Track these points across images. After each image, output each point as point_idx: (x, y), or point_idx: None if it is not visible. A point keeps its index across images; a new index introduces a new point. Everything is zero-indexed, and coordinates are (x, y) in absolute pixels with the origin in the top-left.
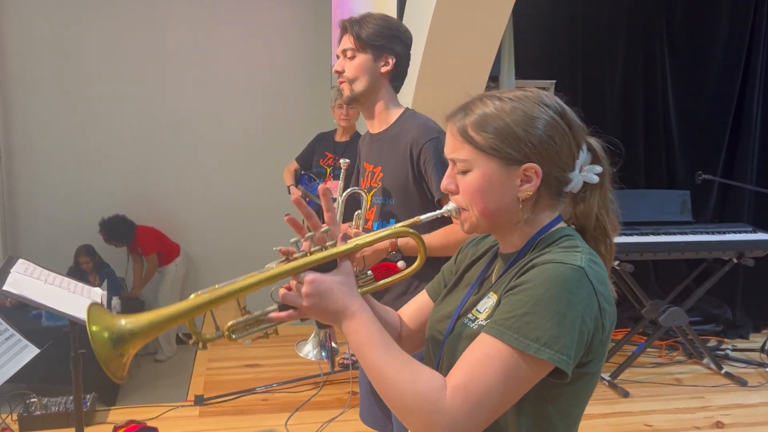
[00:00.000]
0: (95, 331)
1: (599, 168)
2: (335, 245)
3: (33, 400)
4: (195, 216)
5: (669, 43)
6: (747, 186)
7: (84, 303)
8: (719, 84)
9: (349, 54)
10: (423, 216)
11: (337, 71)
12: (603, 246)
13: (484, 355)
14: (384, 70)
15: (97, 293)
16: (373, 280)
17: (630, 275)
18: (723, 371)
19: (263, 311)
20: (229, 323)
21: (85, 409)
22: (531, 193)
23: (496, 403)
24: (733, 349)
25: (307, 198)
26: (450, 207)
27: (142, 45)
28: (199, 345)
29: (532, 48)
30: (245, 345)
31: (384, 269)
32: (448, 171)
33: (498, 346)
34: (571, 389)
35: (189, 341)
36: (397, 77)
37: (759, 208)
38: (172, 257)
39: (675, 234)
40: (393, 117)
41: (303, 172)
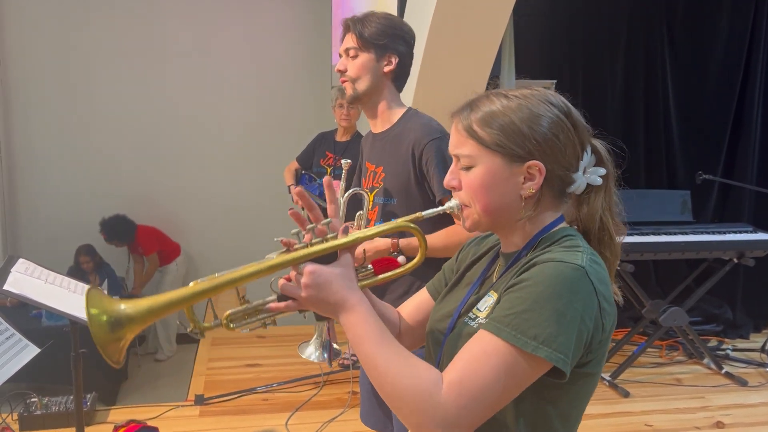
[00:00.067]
0: (94, 314)
1: (603, 170)
2: (336, 238)
3: (33, 399)
4: (196, 216)
5: (669, 43)
6: (747, 186)
7: (84, 303)
8: (719, 84)
9: (352, 53)
10: (425, 212)
11: (340, 70)
12: (608, 249)
13: (481, 351)
14: (387, 69)
15: None
16: (373, 274)
17: (630, 275)
18: (723, 371)
19: (262, 301)
20: (228, 312)
21: (86, 409)
22: (534, 191)
23: (491, 400)
24: (734, 349)
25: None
26: (452, 204)
27: (142, 44)
28: (198, 333)
29: (532, 48)
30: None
31: (384, 263)
32: (451, 167)
33: (496, 342)
34: (571, 390)
35: (188, 329)
36: (400, 76)
37: (759, 208)
38: (172, 257)
39: (675, 234)
40: (395, 116)
41: (303, 171)
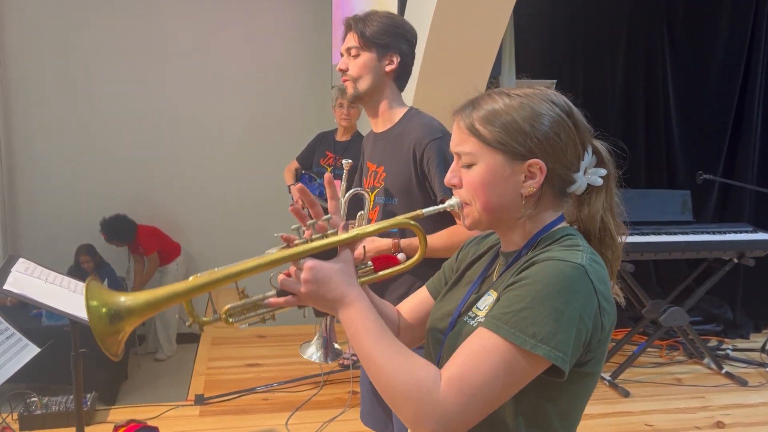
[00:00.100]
0: (94, 306)
1: (603, 171)
2: (337, 234)
3: (33, 399)
4: (196, 215)
5: (670, 43)
6: (748, 186)
7: (84, 294)
8: (720, 83)
9: (354, 52)
10: (426, 209)
11: (341, 69)
12: (610, 250)
13: (480, 348)
14: (388, 68)
15: None
16: (373, 270)
17: (631, 275)
18: (723, 371)
19: (261, 296)
20: (227, 307)
21: (86, 409)
22: (534, 190)
23: (489, 398)
24: (734, 349)
25: None
26: (453, 201)
27: (142, 44)
28: (197, 327)
29: (532, 47)
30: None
31: (384, 260)
32: (452, 165)
33: (495, 340)
34: (570, 389)
35: (186, 323)
36: (402, 76)
37: (760, 207)
38: (173, 257)
39: (676, 234)
40: (397, 116)
41: (303, 171)
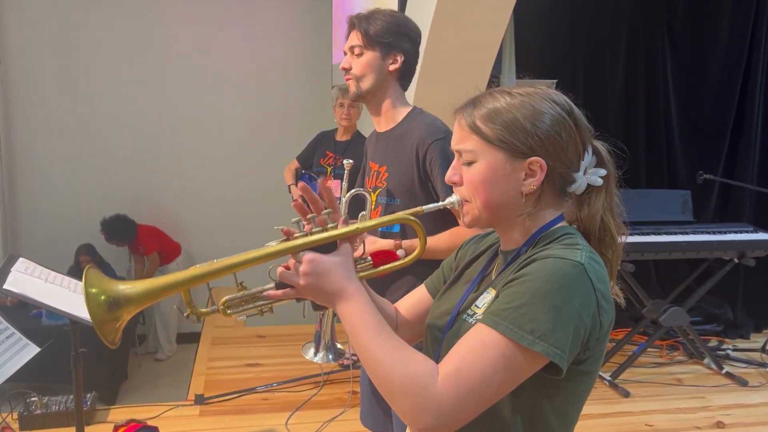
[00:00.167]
0: (93, 293)
1: (603, 171)
2: (336, 228)
3: (33, 399)
4: (196, 215)
5: (670, 43)
6: (748, 186)
7: (83, 281)
8: (720, 83)
9: (357, 51)
10: (426, 206)
11: (344, 68)
12: (609, 250)
13: (479, 344)
14: (392, 68)
15: None
16: (372, 265)
17: (631, 275)
18: (724, 371)
19: (260, 288)
20: (225, 298)
21: (86, 408)
22: (534, 188)
23: (486, 393)
24: (734, 349)
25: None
26: (453, 199)
27: (142, 44)
28: (194, 318)
29: (532, 47)
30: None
31: (383, 256)
32: (453, 163)
33: (493, 335)
34: (568, 387)
35: (184, 314)
36: (405, 75)
37: (760, 207)
38: (173, 256)
39: (676, 234)
40: (400, 116)
41: (304, 171)
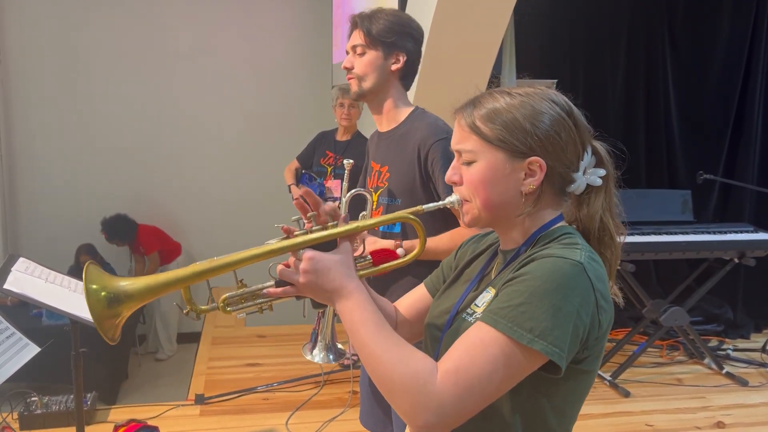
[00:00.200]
0: (93, 289)
1: (603, 171)
2: (337, 226)
3: (34, 398)
4: (196, 215)
5: (670, 43)
6: (748, 186)
7: (83, 277)
8: (721, 83)
9: (359, 50)
10: (426, 206)
11: (346, 67)
12: (608, 250)
13: (478, 342)
14: (394, 67)
15: None
16: (371, 264)
17: (631, 275)
18: (724, 371)
19: (260, 286)
20: (224, 296)
21: (86, 408)
22: (534, 187)
23: (485, 391)
24: (734, 349)
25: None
26: (453, 198)
27: (143, 44)
28: (194, 315)
29: (533, 47)
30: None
31: (383, 254)
32: (453, 162)
33: (492, 333)
34: (567, 386)
35: (184, 311)
36: (408, 75)
37: (760, 207)
38: (173, 256)
39: (676, 234)
40: (402, 116)
41: (304, 171)
